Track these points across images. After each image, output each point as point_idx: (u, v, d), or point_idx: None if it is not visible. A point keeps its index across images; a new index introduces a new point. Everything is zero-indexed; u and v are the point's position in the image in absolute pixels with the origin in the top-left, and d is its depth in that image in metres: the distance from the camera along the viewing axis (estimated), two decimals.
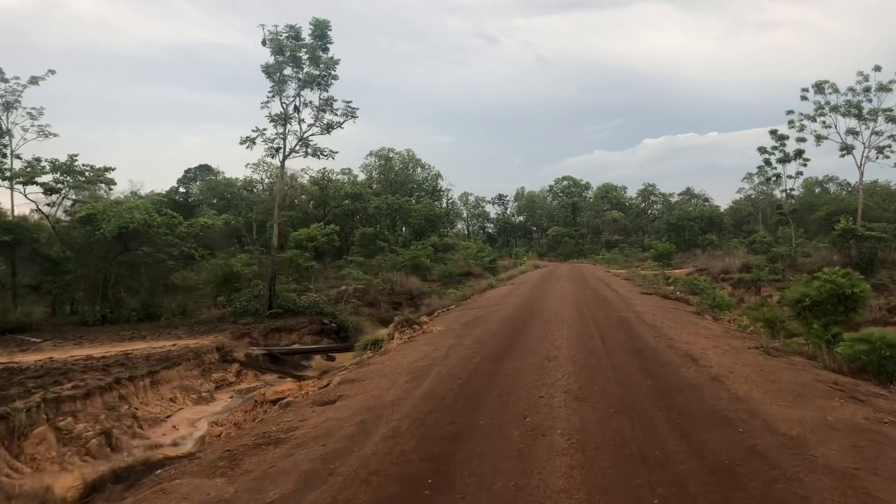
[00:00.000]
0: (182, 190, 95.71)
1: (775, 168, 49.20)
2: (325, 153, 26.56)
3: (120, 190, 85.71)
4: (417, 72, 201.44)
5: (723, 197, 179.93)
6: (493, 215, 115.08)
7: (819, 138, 41.81)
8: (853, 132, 40.54)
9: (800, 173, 48.02)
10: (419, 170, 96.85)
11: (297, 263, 52.97)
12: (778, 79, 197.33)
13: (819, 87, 41.00)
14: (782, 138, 47.48)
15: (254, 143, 25.88)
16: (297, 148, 26.23)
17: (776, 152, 48.51)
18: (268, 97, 26.05)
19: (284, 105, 26.08)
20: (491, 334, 13.54)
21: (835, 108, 40.68)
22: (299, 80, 26.13)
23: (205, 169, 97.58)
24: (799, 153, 47.20)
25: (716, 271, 38.30)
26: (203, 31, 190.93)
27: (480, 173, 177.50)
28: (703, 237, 66.66)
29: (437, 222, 71.84)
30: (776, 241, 62.30)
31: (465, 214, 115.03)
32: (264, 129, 25.99)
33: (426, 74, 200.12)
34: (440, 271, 39.05)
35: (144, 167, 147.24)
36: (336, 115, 26.76)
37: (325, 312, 26.52)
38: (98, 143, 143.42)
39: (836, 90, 40.67)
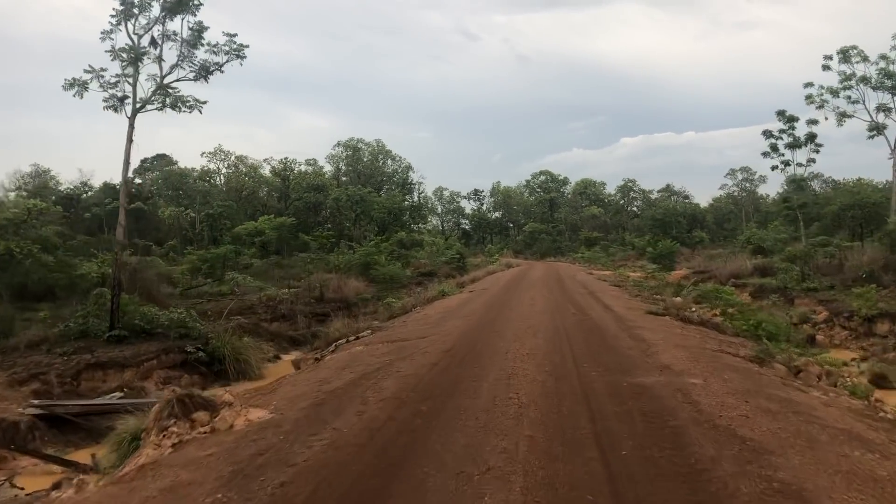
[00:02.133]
0: (138, 181, 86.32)
1: (782, 154, 41.08)
2: (189, 103, 17.71)
3: (69, 180, 76.26)
4: (397, 67, 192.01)
5: (700, 196, 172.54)
6: (468, 211, 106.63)
7: (843, 116, 33.86)
8: (885, 109, 32.71)
9: (812, 161, 39.97)
10: (389, 161, 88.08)
11: (235, 261, 44.16)
12: (755, 79, 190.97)
13: (845, 55, 33.04)
14: (791, 120, 39.45)
15: (85, 88, 16.97)
16: (154, 98, 17.33)
17: (784, 136, 40.40)
18: (111, 25, 17.19)
19: (136, 37, 17.23)
20: (335, 470, 4.92)
21: (864, 80, 32.81)
22: (161, 2, 17.33)
23: (161, 158, 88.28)
24: (811, 137, 39.22)
25: (724, 275, 30.03)
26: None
27: (459, 170, 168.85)
28: (693, 234, 58.57)
29: (403, 216, 63.05)
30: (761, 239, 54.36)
31: (439, 210, 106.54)
32: (103, 70, 17.10)
33: (406, 70, 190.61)
34: (382, 273, 30.17)
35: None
36: (215, 52, 17.98)
37: (195, 335, 17.76)
38: (75, 134, 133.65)
39: (865, 59, 32.74)
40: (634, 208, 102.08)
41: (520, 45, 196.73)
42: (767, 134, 40.93)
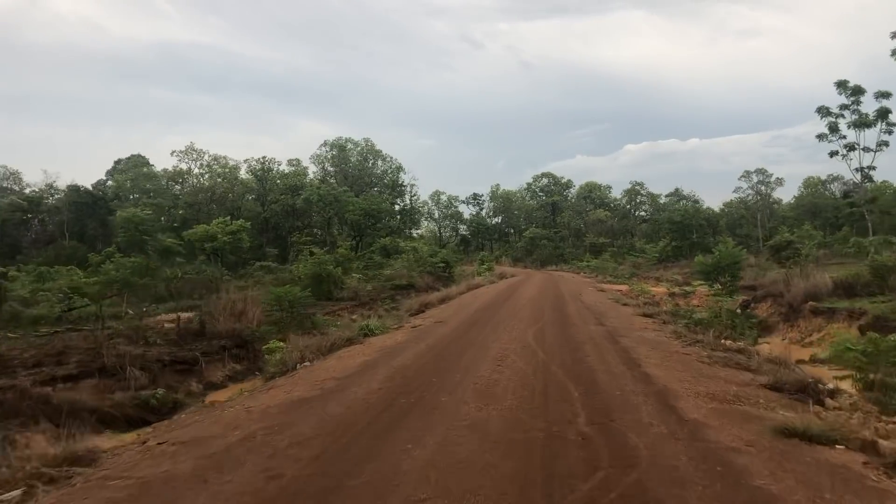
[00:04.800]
0: (110, 183, 77.33)
1: (843, 137, 31.00)
2: None
3: (33, 182, 67.39)
4: (401, 75, 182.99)
5: (706, 202, 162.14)
6: (467, 216, 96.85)
7: None
8: None
9: (884, 144, 29.85)
10: (380, 162, 78.51)
11: (167, 273, 34.58)
12: (759, 86, 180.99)
13: None
14: (856, 93, 29.39)
15: None
16: None
17: (847, 113, 30.31)
18: None
19: None
20: None
21: None
22: None
23: (136, 158, 79.28)
24: (883, 114, 29.18)
25: (795, 297, 19.98)
26: (185, 31, 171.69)
27: (463, 177, 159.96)
28: (716, 239, 48.29)
29: (384, 219, 53.20)
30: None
31: (437, 215, 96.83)
32: None
33: (410, 78, 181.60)
34: (277, 294, 19.65)
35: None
36: None
37: None
38: (80, 142, 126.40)
39: None
40: (642, 213, 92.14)
41: (523, 53, 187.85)
42: (824, 111, 30.81)
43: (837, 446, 5.38)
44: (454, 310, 18.47)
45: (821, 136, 31.19)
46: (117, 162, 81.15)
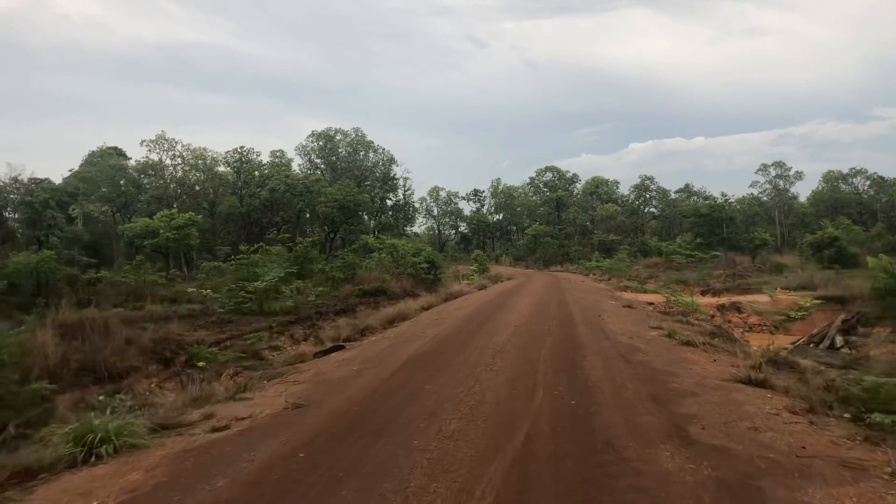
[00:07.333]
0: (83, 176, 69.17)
1: None
2: None
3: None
4: (406, 74, 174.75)
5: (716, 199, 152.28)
6: (467, 213, 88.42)
7: None
8: None
9: None
10: (371, 154, 70.07)
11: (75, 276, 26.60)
12: (765, 85, 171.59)
13: None
14: None
15: None
16: None
17: None
18: None
19: None
20: None
21: None
22: None
23: (112, 151, 71.03)
24: None
25: None
26: (191, 31, 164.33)
27: (468, 176, 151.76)
28: (752, 236, 39.43)
29: (361, 212, 44.73)
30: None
31: (435, 212, 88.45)
32: None
33: (415, 77, 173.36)
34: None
35: None
36: None
37: None
38: (85, 143, 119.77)
39: None
40: (652, 209, 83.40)
41: (528, 52, 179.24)
42: None
43: None
44: (383, 349, 9.99)
45: None
46: (91, 153, 73.07)
